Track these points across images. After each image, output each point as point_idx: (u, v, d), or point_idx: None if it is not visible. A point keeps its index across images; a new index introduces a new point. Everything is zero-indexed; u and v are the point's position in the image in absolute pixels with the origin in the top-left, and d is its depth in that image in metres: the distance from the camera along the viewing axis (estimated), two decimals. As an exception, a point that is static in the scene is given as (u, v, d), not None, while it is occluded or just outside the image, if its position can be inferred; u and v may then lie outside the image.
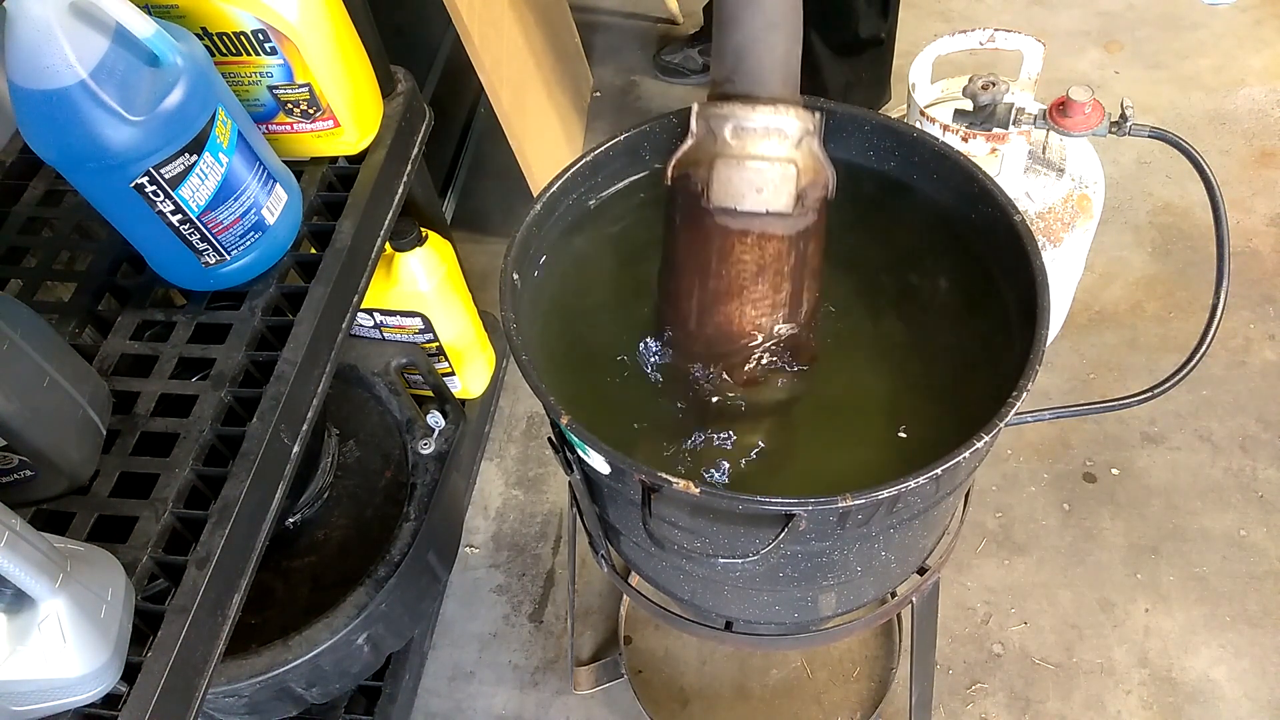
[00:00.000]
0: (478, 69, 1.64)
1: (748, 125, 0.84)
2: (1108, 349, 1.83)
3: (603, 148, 1.00)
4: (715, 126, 0.85)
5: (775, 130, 0.84)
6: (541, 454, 1.81)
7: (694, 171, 0.87)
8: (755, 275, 0.88)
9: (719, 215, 0.86)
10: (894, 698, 1.50)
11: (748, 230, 0.86)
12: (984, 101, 1.36)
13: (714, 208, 0.86)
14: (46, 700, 0.74)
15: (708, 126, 0.86)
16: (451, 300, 1.55)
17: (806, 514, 0.77)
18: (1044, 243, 1.53)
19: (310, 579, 1.38)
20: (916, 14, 2.38)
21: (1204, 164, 0.99)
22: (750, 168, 0.84)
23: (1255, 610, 1.53)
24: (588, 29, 2.45)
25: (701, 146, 0.86)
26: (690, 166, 0.87)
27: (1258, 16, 2.36)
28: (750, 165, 0.84)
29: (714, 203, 0.86)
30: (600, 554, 1.11)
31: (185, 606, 0.85)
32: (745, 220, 0.86)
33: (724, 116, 0.84)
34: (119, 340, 1.04)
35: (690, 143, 0.86)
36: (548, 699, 1.55)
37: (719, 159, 0.85)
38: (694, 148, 0.86)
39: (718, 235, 0.87)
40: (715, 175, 0.85)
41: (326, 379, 1.08)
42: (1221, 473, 1.67)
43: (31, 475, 0.86)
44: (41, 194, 1.18)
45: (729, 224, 0.86)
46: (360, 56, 1.15)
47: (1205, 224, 1.68)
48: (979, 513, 1.66)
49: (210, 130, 0.94)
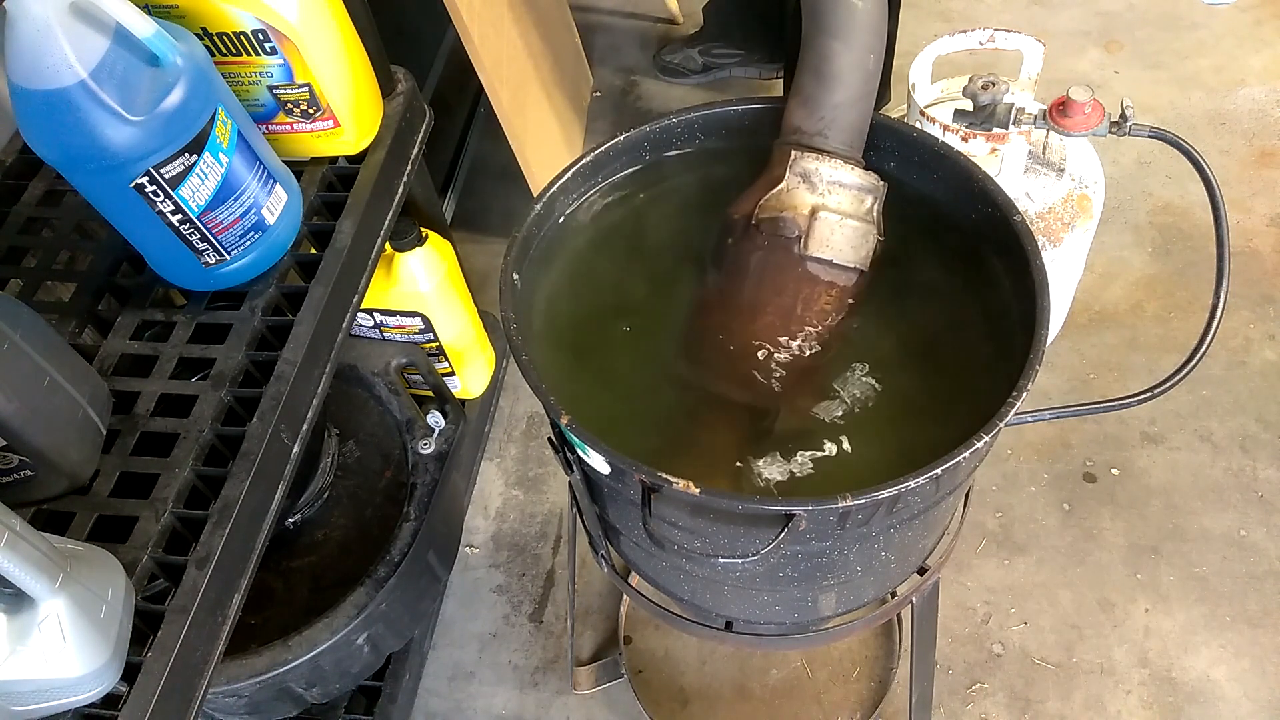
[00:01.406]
0: (478, 69, 1.64)
1: (846, 182, 0.89)
2: (1108, 349, 1.83)
3: (603, 148, 1.00)
4: (813, 178, 0.89)
5: (865, 191, 0.90)
6: (541, 454, 1.81)
7: (790, 217, 0.90)
8: (827, 321, 0.93)
9: (813, 264, 0.90)
10: (894, 698, 1.50)
11: (835, 282, 0.91)
12: (984, 101, 1.36)
13: (810, 256, 0.90)
14: (46, 700, 0.74)
15: (804, 176, 0.89)
16: (451, 300, 1.55)
17: (806, 514, 0.77)
18: (1044, 243, 1.53)
19: (310, 579, 1.38)
20: (916, 14, 2.37)
21: (1204, 164, 0.99)
22: (849, 225, 0.89)
23: (1255, 610, 1.53)
24: (588, 29, 2.45)
25: (795, 194, 0.90)
26: (783, 211, 0.90)
27: (1258, 16, 2.36)
28: (849, 223, 0.89)
29: (811, 252, 0.90)
30: (600, 554, 1.11)
31: (185, 606, 0.85)
32: (836, 273, 0.91)
33: (820, 172, 0.89)
34: (119, 340, 1.04)
35: (780, 188, 0.90)
36: (548, 699, 1.55)
37: (821, 211, 0.89)
38: (785, 193, 0.90)
39: (808, 283, 0.91)
40: (816, 226, 0.89)
41: (326, 379, 1.08)
42: (1221, 473, 1.67)
43: (31, 475, 0.86)
44: (41, 194, 1.18)
45: (820, 274, 0.91)
46: (360, 56, 1.15)
47: (1205, 224, 1.68)
48: (979, 513, 1.66)
49: (210, 130, 0.94)
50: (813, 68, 0.88)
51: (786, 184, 0.89)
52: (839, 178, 0.89)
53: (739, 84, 2.36)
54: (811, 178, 0.89)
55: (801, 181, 0.89)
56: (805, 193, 0.89)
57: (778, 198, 0.90)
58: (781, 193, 0.90)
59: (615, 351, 0.97)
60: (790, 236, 0.90)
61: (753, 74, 2.34)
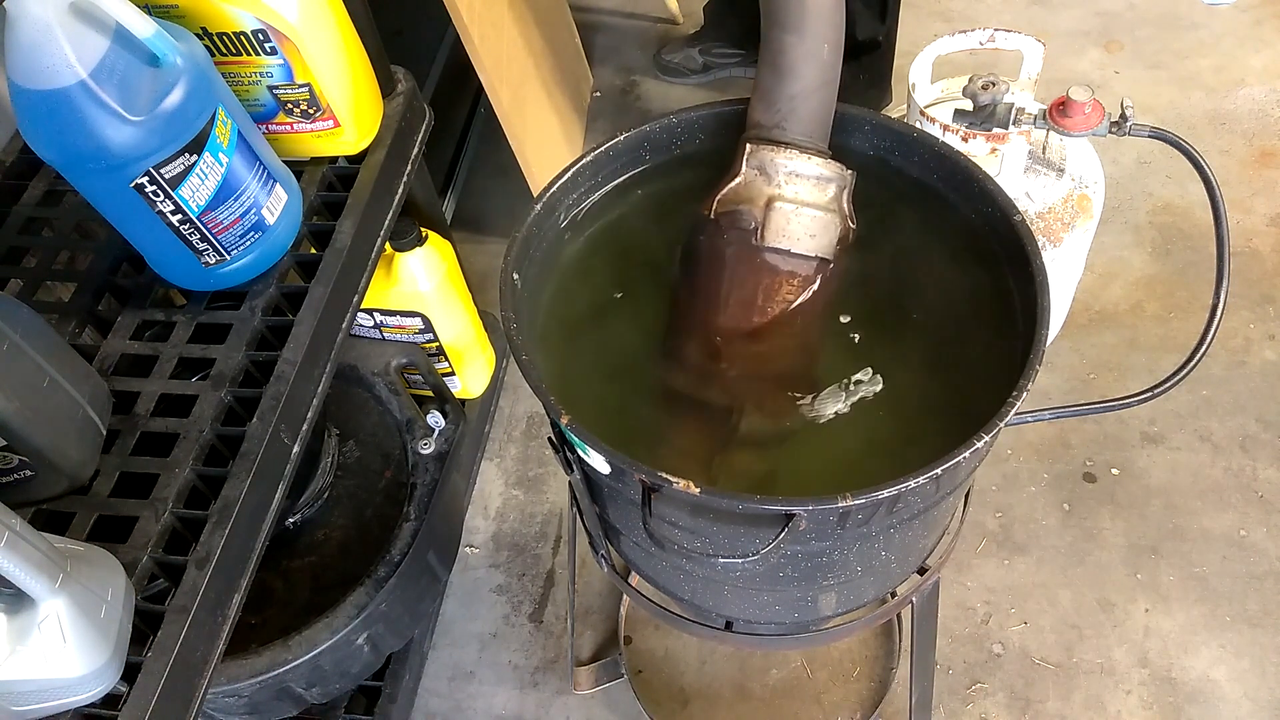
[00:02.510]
0: (478, 69, 1.64)
1: (803, 172, 0.88)
2: (1108, 349, 1.83)
3: (603, 148, 1.00)
4: (769, 169, 0.89)
5: (825, 180, 0.89)
6: (541, 454, 1.81)
7: (746, 209, 0.90)
8: (795, 312, 0.92)
9: (770, 255, 0.90)
10: (894, 698, 1.50)
11: (795, 272, 0.91)
12: (984, 101, 1.36)
13: (767, 247, 0.89)
14: (46, 700, 0.74)
15: (760, 168, 0.89)
16: (451, 300, 1.55)
17: (806, 514, 0.77)
18: (1044, 243, 1.53)
19: (310, 579, 1.38)
20: (916, 14, 2.37)
21: (1204, 164, 0.99)
22: (806, 214, 0.89)
23: (1255, 610, 1.53)
24: (588, 29, 2.45)
25: (752, 186, 0.89)
26: (740, 203, 0.90)
27: (1258, 16, 2.36)
28: (806, 211, 0.89)
29: (768, 242, 0.89)
30: (600, 554, 1.11)
31: (185, 606, 0.85)
32: (795, 262, 0.90)
33: (777, 162, 0.88)
34: (119, 340, 1.04)
35: (738, 180, 0.90)
36: (548, 699, 1.55)
37: (777, 201, 0.88)
38: (743, 186, 0.90)
39: (767, 273, 0.91)
40: (772, 216, 0.89)
41: (326, 379, 1.08)
42: (1221, 473, 1.67)
43: (31, 475, 0.86)
44: (41, 194, 1.18)
45: (778, 264, 0.90)
46: (360, 56, 1.15)
47: (1205, 224, 1.68)
48: (979, 513, 1.66)
49: (210, 130, 0.94)
50: (769, 62, 0.88)
51: (744, 176, 0.89)
52: (796, 168, 0.88)
53: (739, 84, 2.35)
54: (768, 169, 0.88)
55: (758, 173, 0.89)
56: (762, 184, 0.89)
57: (735, 190, 0.90)
58: (739, 185, 0.90)
59: (616, 351, 0.97)
60: (747, 229, 0.90)
61: (753, 74, 2.34)
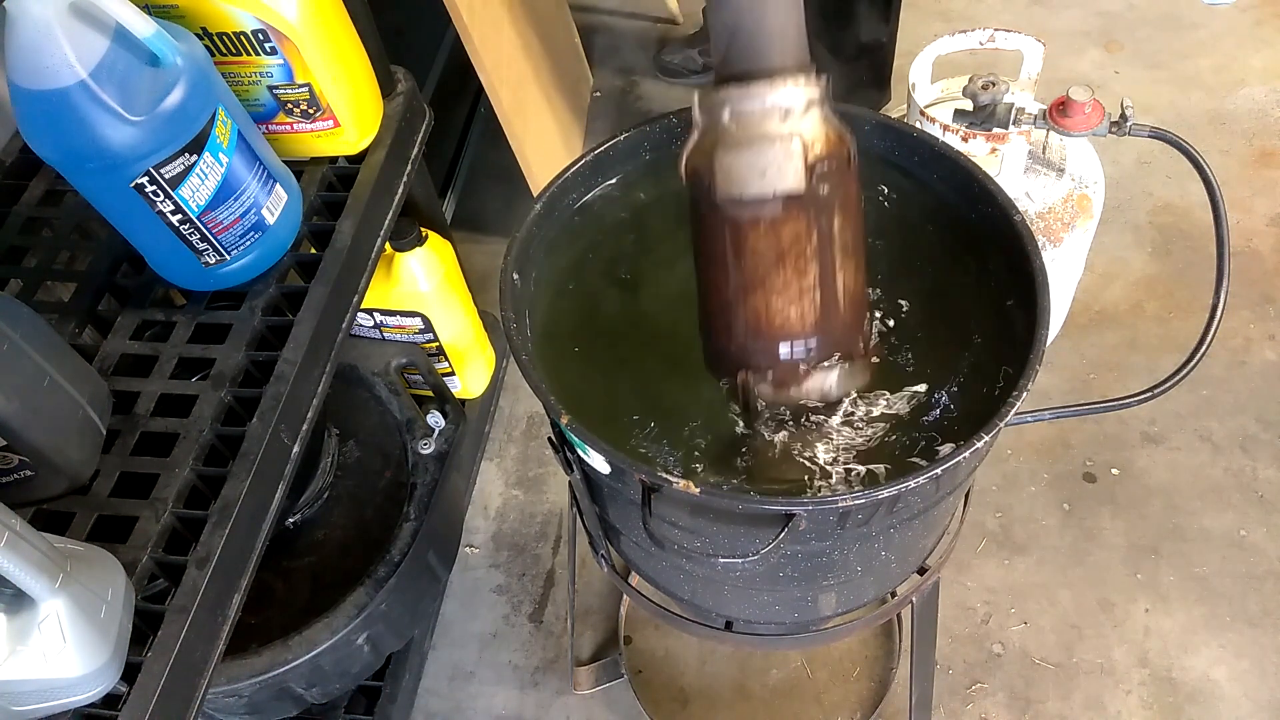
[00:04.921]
0: (478, 69, 1.64)
1: (744, 107, 0.78)
2: (1108, 349, 1.83)
3: (603, 148, 1.00)
4: (715, 114, 0.80)
5: (775, 106, 0.78)
6: (541, 454, 1.81)
7: (704, 165, 0.81)
8: (775, 263, 0.82)
9: (727, 206, 0.81)
10: (894, 698, 1.50)
11: (758, 217, 0.80)
12: (984, 101, 1.36)
13: (721, 199, 0.81)
14: (46, 700, 0.74)
15: (709, 115, 0.80)
16: (451, 300, 1.55)
17: (806, 514, 0.77)
18: (1044, 243, 1.53)
19: (310, 579, 1.38)
20: (916, 14, 2.37)
21: (1204, 164, 0.99)
22: (750, 150, 0.78)
23: (1255, 610, 1.53)
24: (588, 29, 2.45)
25: (706, 137, 0.81)
26: (699, 161, 0.82)
27: (1258, 16, 2.36)
28: (750, 148, 0.79)
29: (720, 194, 0.80)
30: (600, 554, 1.11)
31: (185, 606, 0.85)
32: (754, 207, 0.80)
33: (721, 101, 0.79)
34: (119, 340, 1.04)
35: (695, 135, 0.82)
36: (548, 699, 1.55)
37: (718, 147, 0.79)
38: (700, 140, 0.81)
39: (729, 228, 0.82)
40: (717, 165, 0.80)
41: (326, 379, 1.08)
42: (1221, 473, 1.67)
43: (31, 475, 0.86)
44: (41, 194, 1.18)
45: (738, 214, 0.80)
46: (360, 56, 1.15)
47: (1205, 224, 1.68)
48: (979, 513, 1.66)
49: (210, 130, 0.94)
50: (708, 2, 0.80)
51: (697, 131, 0.81)
52: (737, 102, 0.79)
53: (739, 84, 2.35)
54: (715, 112, 0.80)
55: (709, 121, 0.80)
56: (711, 132, 0.80)
57: (693, 149, 0.82)
58: (696, 141, 0.81)
59: (615, 351, 0.97)
60: (705, 187, 0.81)
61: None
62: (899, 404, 0.90)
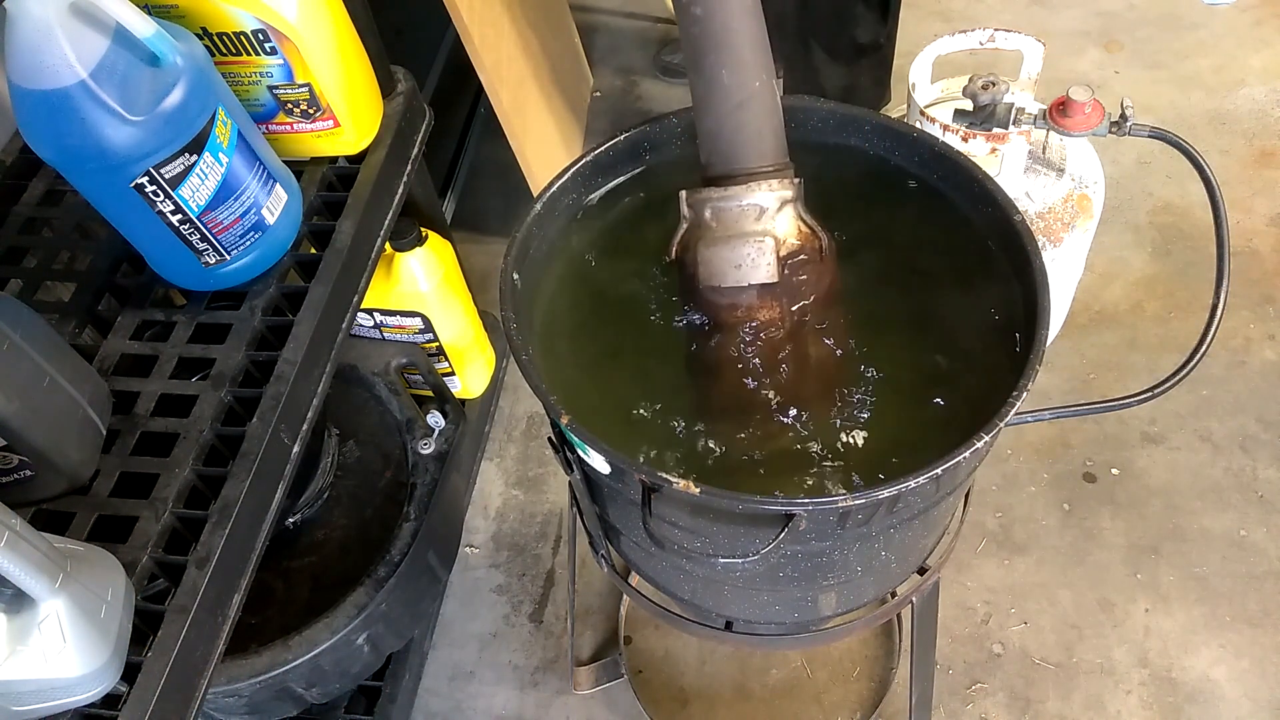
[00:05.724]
0: (478, 69, 1.64)
1: (723, 206, 0.89)
2: (1108, 349, 1.83)
3: (603, 148, 1.00)
4: (698, 210, 0.90)
5: (751, 206, 0.88)
6: (541, 454, 1.81)
7: (689, 256, 0.92)
8: (751, 343, 0.92)
9: (708, 293, 0.91)
10: (894, 698, 1.50)
11: (735, 304, 0.91)
12: (984, 101, 1.36)
13: (702, 287, 0.91)
14: (46, 700, 0.74)
15: (694, 211, 0.90)
16: (451, 300, 1.55)
17: (806, 514, 0.77)
18: (1044, 243, 1.53)
19: (310, 579, 1.38)
20: (916, 14, 2.38)
21: (1204, 164, 0.99)
22: (728, 246, 0.89)
23: (1255, 610, 1.53)
24: (588, 29, 2.45)
25: (692, 230, 0.91)
26: (686, 250, 0.92)
27: (1258, 16, 2.37)
28: (727, 244, 0.89)
29: (701, 283, 0.91)
30: (600, 554, 1.11)
31: (185, 606, 0.85)
32: (731, 295, 0.90)
33: (703, 201, 0.89)
34: (119, 340, 1.04)
35: (684, 227, 0.92)
36: (548, 699, 1.55)
37: (700, 242, 0.90)
38: (687, 231, 0.92)
39: (711, 311, 0.93)
40: (700, 257, 0.90)
41: (326, 379, 1.08)
42: (1221, 473, 1.67)
43: (31, 475, 0.86)
44: (41, 194, 1.18)
45: (718, 300, 0.91)
46: (360, 56, 1.15)
47: (1205, 224, 1.68)
48: (979, 513, 1.66)
49: (210, 130, 0.94)
50: (693, 102, 0.89)
51: (682, 225, 0.91)
52: (717, 202, 0.89)
53: (739, 84, 2.35)
54: (698, 209, 0.90)
55: (693, 215, 0.91)
56: (695, 227, 0.91)
57: (681, 238, 0.92)
58: (683, 232, 0.92)
59: (615, 351, 0.97)
60: (690, 274, 0.92)
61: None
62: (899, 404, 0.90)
